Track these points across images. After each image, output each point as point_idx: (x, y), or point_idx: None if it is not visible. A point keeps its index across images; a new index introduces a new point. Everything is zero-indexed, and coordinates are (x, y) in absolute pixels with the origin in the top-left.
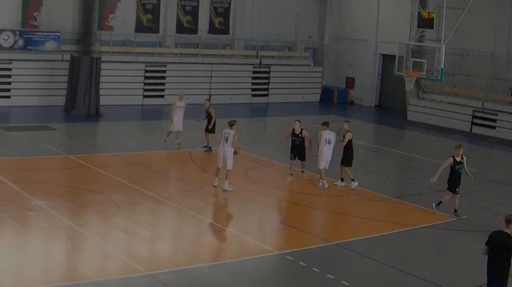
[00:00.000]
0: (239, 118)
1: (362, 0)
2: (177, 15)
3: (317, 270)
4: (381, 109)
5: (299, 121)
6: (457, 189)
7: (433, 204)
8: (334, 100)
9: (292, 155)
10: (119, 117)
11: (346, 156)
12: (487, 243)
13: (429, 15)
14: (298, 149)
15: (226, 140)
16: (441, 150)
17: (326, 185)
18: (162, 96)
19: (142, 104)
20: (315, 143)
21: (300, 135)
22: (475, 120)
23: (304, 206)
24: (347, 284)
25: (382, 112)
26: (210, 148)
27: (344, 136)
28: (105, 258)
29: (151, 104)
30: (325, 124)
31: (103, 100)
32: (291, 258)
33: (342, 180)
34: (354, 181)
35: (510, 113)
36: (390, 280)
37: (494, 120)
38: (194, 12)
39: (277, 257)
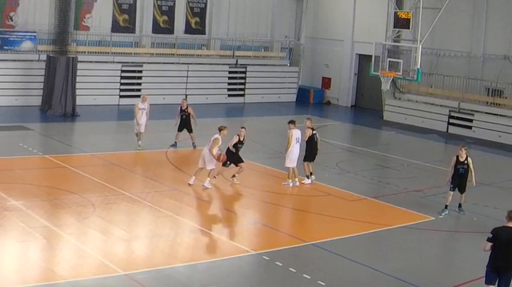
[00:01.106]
0: (215, 119)
1: (339, 0)
2: (154, 15)
3: (294, 270)
4: (358, 109)
5: (244, 128)
6: (456, 188)
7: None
8: (310, 100)
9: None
10: (96, 117)
11: (308, 151)
12: (491, 239)
13: (405, 15)
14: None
15: (208, 143)
16: (417, 150)
17: (291, 184)
18: (138, 96)
19: (118, 104)
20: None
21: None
22: (451, 121)
23: (281, 205)
24: (323, 284)
25: (359, 112)
26: (176, 143)
27: (305, 133)
28: (81, 258)
29: (128, 104)
30: (292, 123)
31: (79, 100)
32: (267, 258)
33: (307, 177)
34: (309, 178)
35: (486, 113)
36: (367, 280)
37: (471, 121)
38: (170, 12)
39: (253, 257)
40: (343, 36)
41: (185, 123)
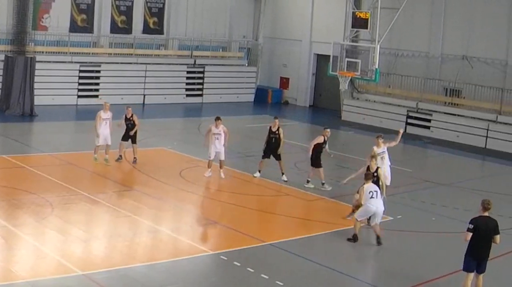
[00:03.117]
0: (173, 119)
1: (297, 0)
2: (112, 15)
3: (252, 270)
4: (316, 109)
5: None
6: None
7: None
8: (268, 100)
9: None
10: (54, 117)
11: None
12: (472, 230)
13: (363, 15)
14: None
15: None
16: None
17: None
18: (96, 96)
19: (77, 104)
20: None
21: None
22: (409, 121)
23: (239, 205)
24: (281, 284)
25: (317, 113)
26: (121, 156)
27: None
28: (40, 258)
29: (86, 104)
30: (218, 119)
31: (37, 100)
32: (225, 258)
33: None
34: (258, 172)
35: (445, 113)
36: (325, 280)
37: (429, 121)
38: (128, 12)
39: (211, 257)
40: (301, 36)
41: (129, 135)
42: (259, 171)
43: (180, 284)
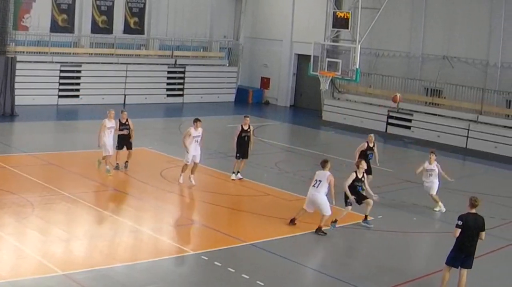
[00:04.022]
0: (153, 119)
1: (277, 0)
2: (92, 15)
3: (232, 270)
4: (296, 109)
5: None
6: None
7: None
8: (249, 100)
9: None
10: (34, 117)
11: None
12: (461, 226)
13: (344, 15)
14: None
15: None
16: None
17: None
18: (77, 96)
19: (57, 104)
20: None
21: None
22: (390, 121)
23: (220, 206)
24: (262, 284)
25: (297, 113)
26: (118, 165)
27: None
28: (20, 258)
29: (66, 104)
30: (197, 121)
31: (18, 100)
32: (206, 258)
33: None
34: (236, 174)
35: (425, 113)
36: (305, 280)
37: (409, 121)
38: (109, 12)
39: (192, 257)
40: (282, 36)
41: (125, 139)
42: (238, 172)
43: (161, 284)
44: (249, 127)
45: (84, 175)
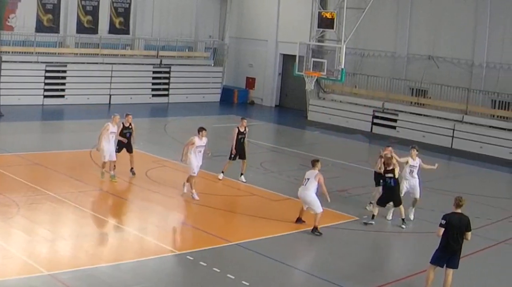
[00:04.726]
0: (139, 119)
1: (262, 0)
2: (78, 15)
3: (218, 270)
4: (282, 109)
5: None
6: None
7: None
8: (234, 100)
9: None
10: (20, 117)
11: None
12: (444, 225)
13: (329, 15)
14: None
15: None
16: (342, 150)
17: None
18: (62, 96)
19: (43, 104)
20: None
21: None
22: (375, 121)
23: (205, 205)
24: (247, 284)
25: (283, 113)
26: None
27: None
28: (6, 258)
29: (52, 104)
30: (202, 129)
31: (3, 100)
32: (191, 258)
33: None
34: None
35: (411, 113)
36: (291, 280)
37: (395, 121)
38: (94, 12)
39: (177, 257)
40: (267, 36)
41: (126, 143)
42: (223, 172)
43: (146, 284)
44: (245, 129)
45: (69, 175)
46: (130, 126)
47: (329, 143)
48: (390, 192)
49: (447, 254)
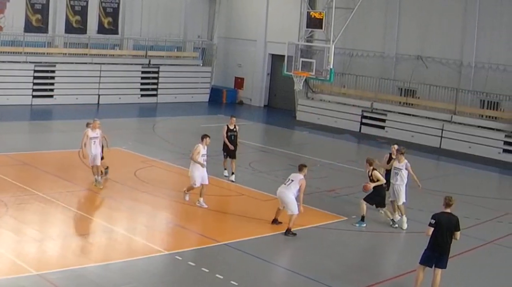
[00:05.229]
0: (128, 119)
1: (251, 0)
2: (66, 15)
3: (206, 270)
4: (270, 109)
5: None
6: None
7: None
8: (223, 100)
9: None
10: (9, 117)
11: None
12: (433, 225)
13: (318, 15)
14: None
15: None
16: (330, 150)
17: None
18: (51, 96)
19: (31, 104)
20: None
21: None
22: (364, 121)
23: (193, 205)
24: (236, 284)
25: (271, 113)
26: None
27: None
28: None
29: (41, 104)
30: (206, 136)
31: None
32: (180, 258)
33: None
34: (231, 174)
35: (399, 113)
36: (279, 280)
37: (383, 121)
38: (83, 12)
39: (166, 257)
40: (256, 36)
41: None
42: (232, 173)
43: (135, 284)
44: (235, 127)
45: (58, 175)
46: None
47: (317, 143)
48: (375, 193)
49: (436, 253)
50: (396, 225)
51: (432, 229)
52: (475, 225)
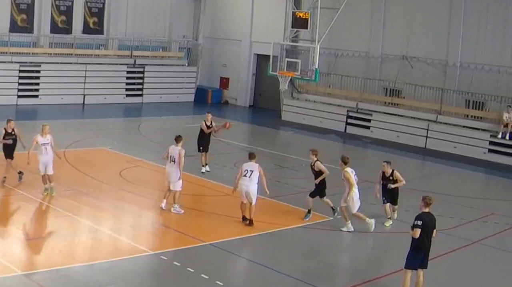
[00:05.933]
0: (113, 119)
1: (236, 0)
2: (52, 15)
3: (192, 270)
4: (256, 109)
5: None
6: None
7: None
8: (208, 100)
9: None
10: None
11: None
12: (421, 226)
13: (303, 15)
14: None
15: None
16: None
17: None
18: (36, 96)
19: (17, 104)
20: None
21: None
22: (349, 121)
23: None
24: (221, 284)
25: (257, 113)
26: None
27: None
28: None
29: (26, 104)
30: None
31: None
32: (165, 258)
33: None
34: (205, 166)
35: (385, 113)
36: (264, 280)
37: (369, 121)
38: (68, 12)
39: (151, 257)
40: (241, 36)
41: (10, 148)
42: (206, 164)
43: (120, 284)
44: (211, 123)
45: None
46: (12, 132)
47: (303, 143)
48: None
49: (421, 254)
50: (337, 214)
51: (419, 230)
52: (460, 225)
